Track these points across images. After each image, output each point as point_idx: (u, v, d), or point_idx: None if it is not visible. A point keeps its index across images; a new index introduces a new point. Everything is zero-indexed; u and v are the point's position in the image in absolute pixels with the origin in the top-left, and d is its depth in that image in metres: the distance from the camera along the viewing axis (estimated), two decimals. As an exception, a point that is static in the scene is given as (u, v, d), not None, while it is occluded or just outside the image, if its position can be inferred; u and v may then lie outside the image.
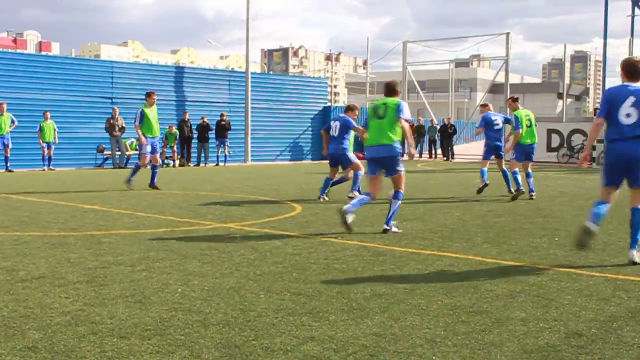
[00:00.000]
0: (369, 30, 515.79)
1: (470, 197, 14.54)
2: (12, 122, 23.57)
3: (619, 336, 4.72)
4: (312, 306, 5.43)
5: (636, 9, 37.20)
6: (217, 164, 29.11)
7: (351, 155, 13.81)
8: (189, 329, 4.80)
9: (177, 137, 28.09)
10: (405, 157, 10.34)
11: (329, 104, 38.00)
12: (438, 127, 37.71)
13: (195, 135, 28.86)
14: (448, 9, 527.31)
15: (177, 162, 28.22)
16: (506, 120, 15.47)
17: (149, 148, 15.96)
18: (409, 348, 4.43)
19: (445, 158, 36.24)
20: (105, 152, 27.00)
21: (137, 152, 18.65)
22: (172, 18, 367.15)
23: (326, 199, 13.77)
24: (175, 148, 28.16)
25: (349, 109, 14.21)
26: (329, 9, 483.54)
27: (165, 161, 27.77)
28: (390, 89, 9.78)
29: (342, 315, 5.17)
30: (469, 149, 38.86)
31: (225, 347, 4.42)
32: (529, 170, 14.52)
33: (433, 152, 37.89)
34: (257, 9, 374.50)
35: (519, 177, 14.09)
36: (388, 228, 9.47)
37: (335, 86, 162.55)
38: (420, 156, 36.31)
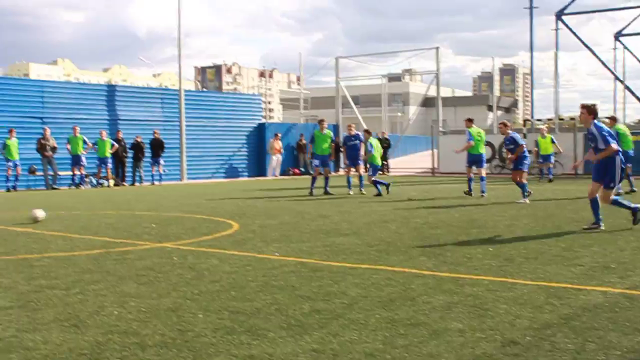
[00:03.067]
0: (302, 46, 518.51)
1: (407, 210, 14.68)
2: None
3: (552, 342, 4.83)
4: (250, 324, 5.42)
5: (559, 22, 38.21)
6: (153, 183, 28.77)
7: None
8: (126, 352, 4.73)
9: (111, 156, 27.62)
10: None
11: (263, 120, 37.89)
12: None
13: (129, 155, 28.50)
14: (378, 25, 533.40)
15: (112, 182, 27.72)
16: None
17: (317, 162, 20.68)
18: (348, 363, 4.45)
19: (381, 172, 36.49)
20: (37, 173, 26.41)
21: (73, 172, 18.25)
22: (104, 36, 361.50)
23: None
24: (109, 167, 27.60)
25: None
26: (261, 26, 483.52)
27: (100, 181, 27.32)
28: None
29: (280, 332, 5.16)
30: (403, 163, 39.25)
31: (164, 369, 4.37)
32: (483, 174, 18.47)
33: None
34: (189, 26, 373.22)
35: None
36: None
37: (269, 102, 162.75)
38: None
